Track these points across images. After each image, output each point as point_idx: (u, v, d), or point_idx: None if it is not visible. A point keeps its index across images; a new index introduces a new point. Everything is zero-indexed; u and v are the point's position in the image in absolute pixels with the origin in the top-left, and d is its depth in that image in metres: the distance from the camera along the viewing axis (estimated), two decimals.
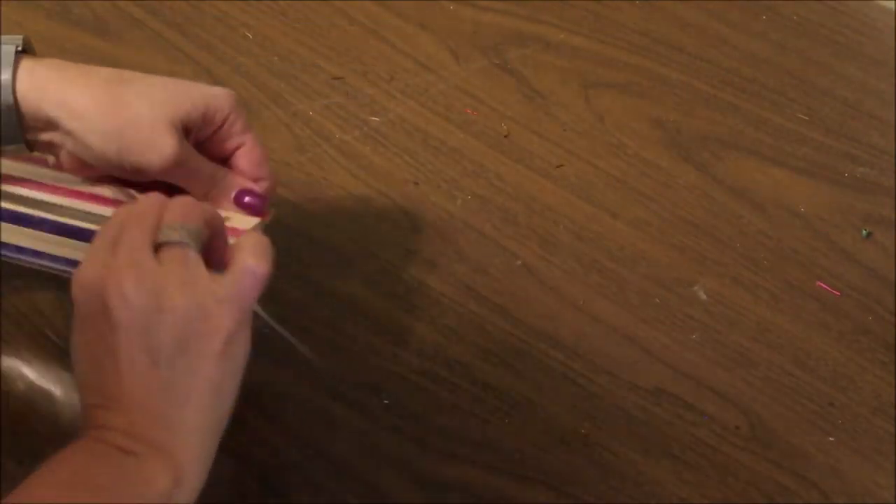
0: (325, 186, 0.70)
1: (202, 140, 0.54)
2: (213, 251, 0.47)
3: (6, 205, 0.53)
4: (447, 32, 0.83)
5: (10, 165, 0.55)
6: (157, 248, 0.44)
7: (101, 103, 0.50)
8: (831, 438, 0.62)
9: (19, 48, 0.50)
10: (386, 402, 0.59)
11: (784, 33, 0.90)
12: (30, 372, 0.57)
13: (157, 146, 0.50)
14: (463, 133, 0.75)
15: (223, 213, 0.52)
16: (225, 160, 0.55)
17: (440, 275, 0.66)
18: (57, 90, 0.50)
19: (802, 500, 0.59)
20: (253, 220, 0.54)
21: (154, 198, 0.47)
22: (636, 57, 0.85)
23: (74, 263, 0.51)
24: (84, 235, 0.52)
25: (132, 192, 0.54)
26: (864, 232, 0.74)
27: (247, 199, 0.54)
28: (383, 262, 0.66)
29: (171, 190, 0.53)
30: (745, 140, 0.79)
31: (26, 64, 0.50)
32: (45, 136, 0.52)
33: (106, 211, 0.53)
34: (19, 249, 0.53)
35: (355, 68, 0.78)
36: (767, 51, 0.88)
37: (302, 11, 0.82)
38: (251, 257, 0.45)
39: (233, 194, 0.54)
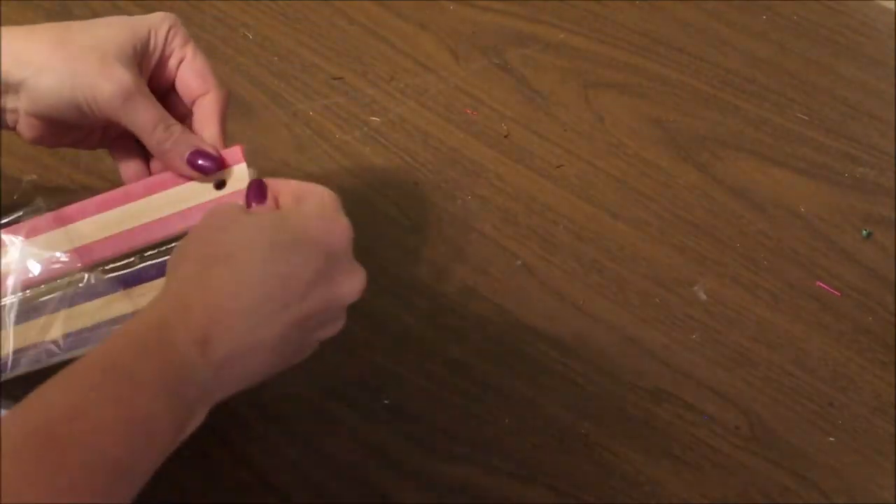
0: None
1: (152, 70, 0.53)
2: None
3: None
4: (447, 32, 0.83)
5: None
6: None
7: (48, 46, 0.50)
8: (831, 438, 0.62)
9: None
10: (386, 402, 0.59)
11: (784, 33, 0.90)
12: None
13: (109, 74, 0.50)
14: (463, 133, 0.75)
15: (182, 186, 0.52)
16: (172, 87, 0.54)
17: (440, 275, 0.66)
18: (8, 45, 0.50)
19: (802, 500, 0.59)
20: (242, 171, 0.52)
21: None
22: (636, 57, 0.85)
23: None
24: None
25: None
26: (864, 232, 0.74)
27: (200, 161, 0.52)
28: (383, 262, 0.66)
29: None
30: (745, 140, 0.79)
31: None
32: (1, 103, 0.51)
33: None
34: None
35: (355, 68, 0.78)
36: (767, 51, 0.88)
37: (302, 11, 0.82)
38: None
39: (187, 154, 0.51)
